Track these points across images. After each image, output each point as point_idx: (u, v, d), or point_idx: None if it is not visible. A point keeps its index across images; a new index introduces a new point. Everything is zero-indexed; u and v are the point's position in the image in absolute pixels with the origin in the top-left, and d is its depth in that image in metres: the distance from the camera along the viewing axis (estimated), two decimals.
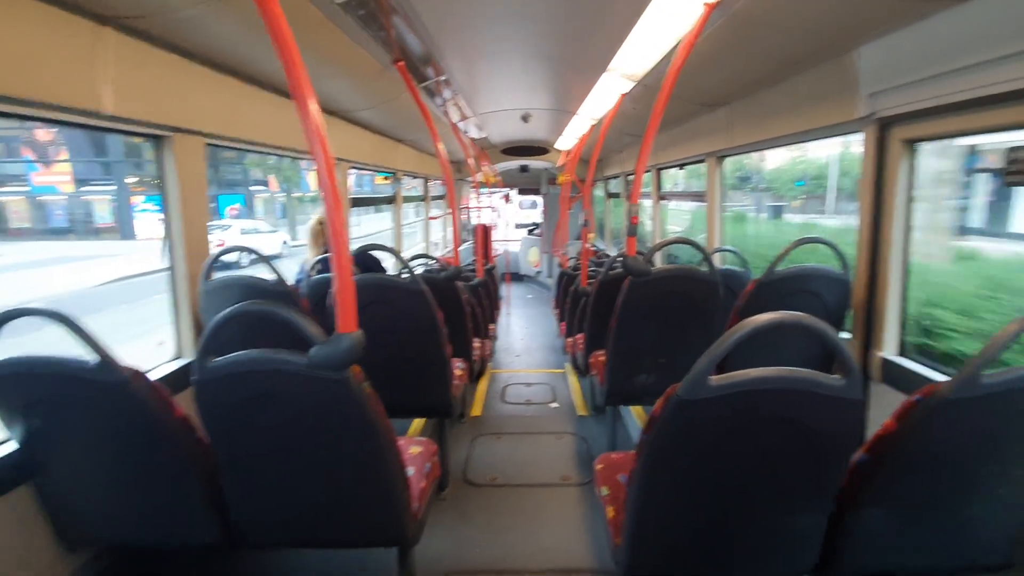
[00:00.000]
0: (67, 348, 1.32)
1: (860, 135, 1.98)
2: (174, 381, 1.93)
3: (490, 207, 8.18)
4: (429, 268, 4.00)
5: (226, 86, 2.20)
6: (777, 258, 2.14)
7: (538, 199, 10.49)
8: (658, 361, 2.38)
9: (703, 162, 3.52)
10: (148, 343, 1.54)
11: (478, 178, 6.47)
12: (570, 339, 4.05)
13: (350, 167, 3.78)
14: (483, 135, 5.68)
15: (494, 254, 8.66)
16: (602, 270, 3.20)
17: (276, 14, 1.05)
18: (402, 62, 2.41)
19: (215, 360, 1.26)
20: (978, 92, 1.45)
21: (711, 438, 1.13)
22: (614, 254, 4.67)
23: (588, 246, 4.13)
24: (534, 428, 3.33)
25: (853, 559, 1.27)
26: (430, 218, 6.47)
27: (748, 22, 1.79)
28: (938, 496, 1.18)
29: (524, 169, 7.91)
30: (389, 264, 3.84)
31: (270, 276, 2.23)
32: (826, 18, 1.71)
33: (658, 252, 4.28)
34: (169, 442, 1.36)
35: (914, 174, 1.84)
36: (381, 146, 4.29)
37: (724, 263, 3.20)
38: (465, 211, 9.17)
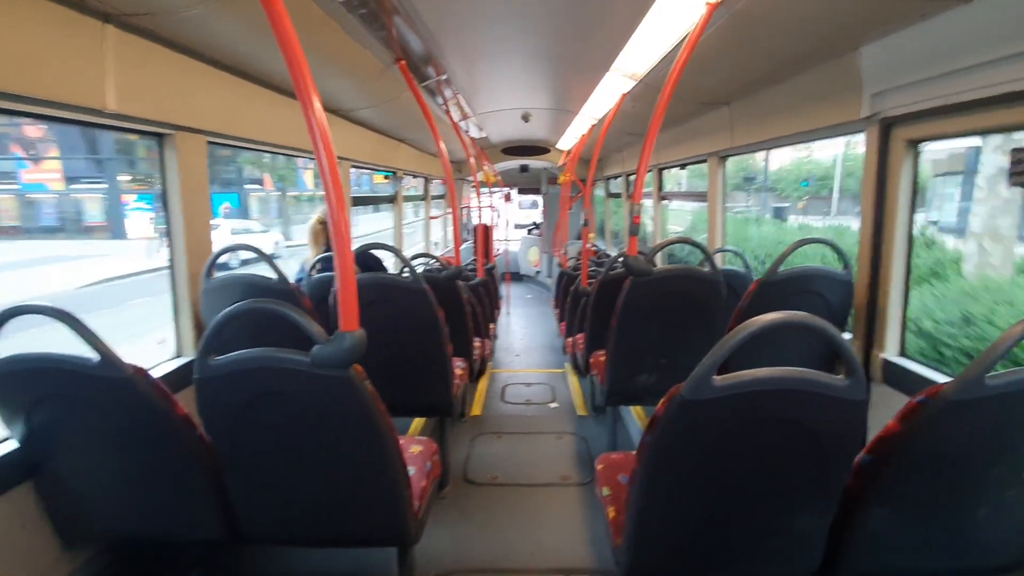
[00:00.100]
0: (63, 347, 1.31)
1: (864, 135, 1.98)
2: (175, 379, 1.92)
3: (490, 207, 8.17)
4: (429, 267, 4.00)
5: (228, 84, 2.20)
6: (779, 258, 2.13)
7: (538, 199, 10.49)
8: (659, 361, 2.38)
9: (705, 162, 3.52)
10: (134, 350, 1.52)
11: (478, 178, 6.47)
12: (570, 339, 4.05)
13: (351, 166, 3.78)
14: (483, 135, 5.67)
15: (495, 253, 8.66)
16: (602, 270, 3.20)
17: (280, 13, 1.05)
18: (403, 61, 2.41)
19: (217, 358, 1.26)
20: (982, 92, 1.45)
21: (714, 438, 1.12)
22: (614, 254, 4.67)
23: (588, 246, 4.13)
24: (534, 428, 3.33)
25: (856, 561, 1.26)
26: (431, 217, 6.46)
27: (750, 21, 1.79)
28: (942, 497, 1.17)
29: (524, 169, 7.90)
30: (390, 264, 3.84)
31: (272, 275, 2.23)
32: (828, 17, 1.70)
33: (659, 252, 4.27)
34: (171, 439, 1.35)
35: (916, 174, 1.84)
36: (382, 145, 4.29)
37: (725, 263, 3.20)
38: (465, 210, 9.17)
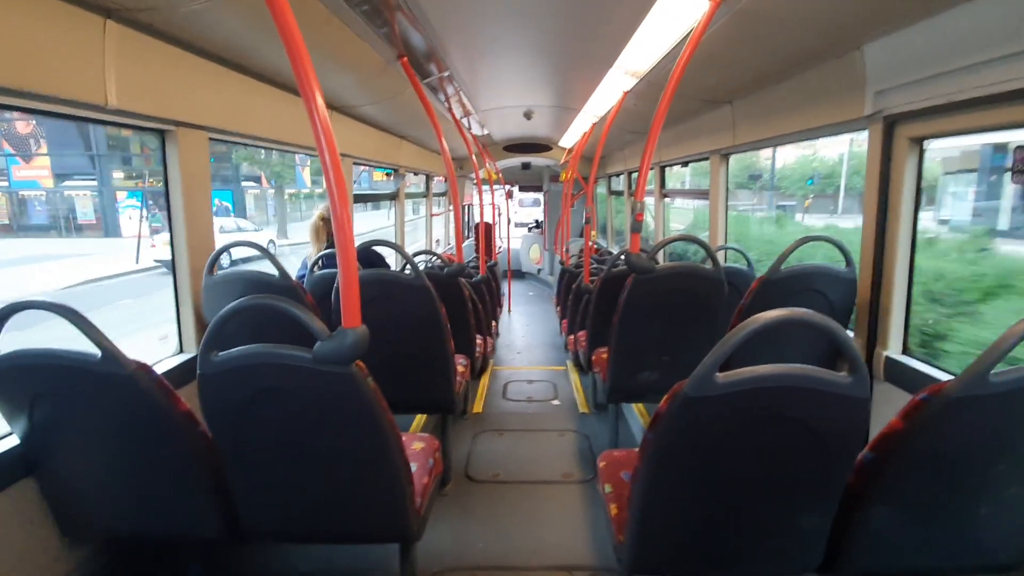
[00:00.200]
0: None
1: (867, 133, 1.97)
2: (178, 376, 1.93)
3: (492, 204, 8.17)
4: (431, 265, 4.00)
5: (230, 80, 2.19)
6: (782, 256, 2.13)
7: (540, 196, 10.48)
8: (662, 359, 2.38)
9: (707, 160, 3.51)
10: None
11: (480, 175, 6.47)
12: (572, 336, 4.05)
13: (354, 163, 3.77)
14: (486, 132, 5.66)
15: (497, 251, 8.66)
16: (604, 267, 3.20)
17: (282, 8, 1.04)
18: (405, 58, 2.40)
19: (219, 354, 1.26)
20: (986, 90, 1.44)
21: (717, 435, 1.12)
22: (616, 252, 4.66)
23: (590, 243, 4.13)
24: (536, 425, 3.34)
25: (858, 558, 1.26)
26: (432, 215, 6.46)
27: (753, 19, 1.78)
28: (945, 495, 1.17)
29: (526, 166, 7.89)
30: (392, 261, 3.84)
31: (274, 271, 2.23)
32: (832, 15, 1.69)
33: (661, 249, 4.27)
34: (173, 435, 1.36)
35: (920, 171, 1.83)
36: (384, 142, 4.28)
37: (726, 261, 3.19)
38: (467, 208, 9.16)
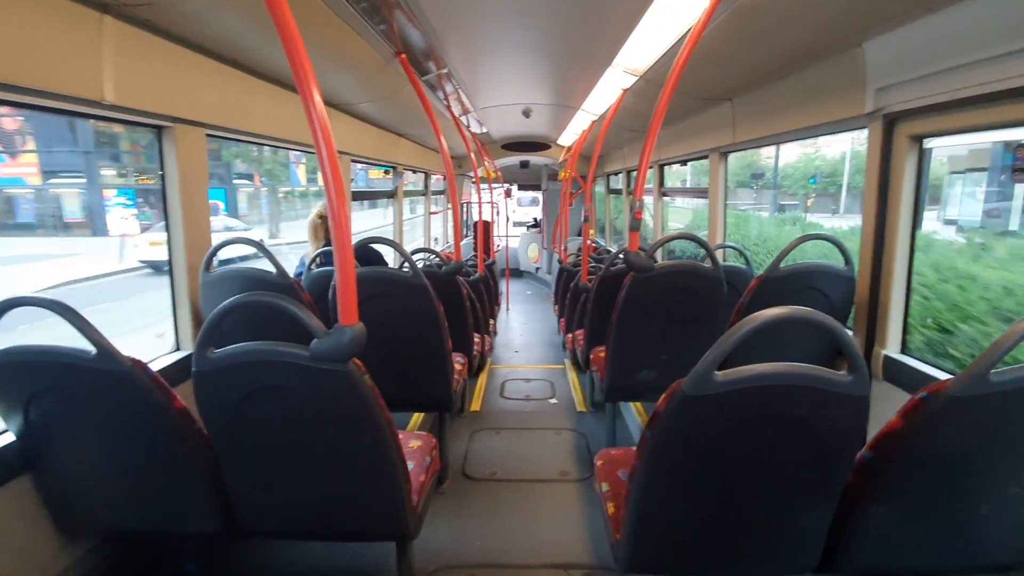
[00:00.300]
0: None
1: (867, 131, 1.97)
2: (174, 373, 1.92)
3: (491, 202, 8.16)
4: (429, 263, 3.99)
5: (228, 77, 2.18)
6: (781, 254, 2.12)
7: (538, 195, 10.48)
8: (660, 357, 2.37)
9: (706, 158, 3.50)
10: None
11: (479, 173, 6.47)
12: (570, 335, 4.04)
13: (352, 161, 3.76)
14: (484, 130, 5.66)
15: (495, 249, 8.65)
16: (603, 266, 3.19)
17: (280, 5, 1.03)
18: (404, 55, 2.39)
19: (215, 351, 1.25)
20: (987, 88, 1.44)
21: (715, 434, 1.12)
22: (615, 250, 4.67)
23: (589, 242, 4.13)
24: (533, 424, 3.33)
25: (857, 557, 1.26)
26: (431, 213, 6.45)
27: (753, 16, 1.78)
28: (943, 495, 1.17)
29: (525, 165, 7.88)
30: (391, 259, 3.83)
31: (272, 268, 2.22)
32: (832, 12, 1.69)
33: (660, 248, 4.27)
34: (169, 432, 1.35)
35: (921, 170, 1.83)
36: (382, 140, 4.27)
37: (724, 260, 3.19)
38: (465, 206, 9.15)
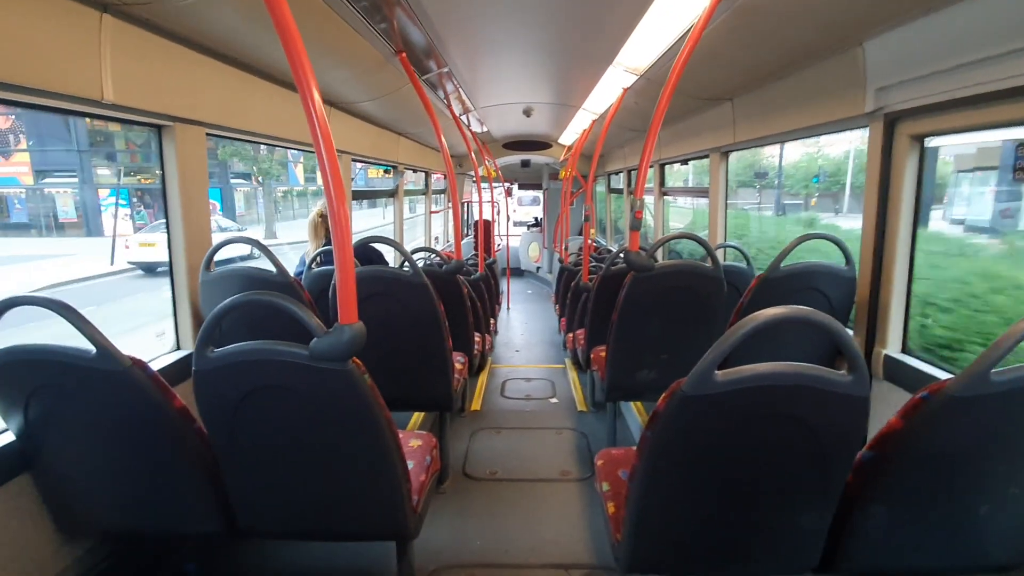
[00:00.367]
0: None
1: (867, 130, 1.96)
2: (174, 372, 1.92)
3: (491, 202, 8.16)
4: (430, 262, 3.99)
5: (227, 76, 2.18)
6: (781, 254, 2.12)
7: (539, 194, 10.48)
8: (660, 357, 2.37)
9: (707, 157, 3.50)
10: None
11: (480, 172, 6.47)
12: (570, 334, 4.04)
13: (352, 160, 3.76)
14: (485, 129, 5.65)
15: (496, 248, 8.65)
16: (603, 265, 3.19)
17: (279, 2, 1.03)
18: (404, 54, 2.39)
19: (215, 351, 1.25)
20: (988, 87, 1.43)
21: (715, 434, 1.12)
22: (615, 250, 4.67)
23: (589, 241, 4.12)
24: (534, 423, 3.33)
25: (856, 557, 1.26)
26: (432, 212, 6.45)
27: (754, 14, 1.77)
28: (943, 495, 1.17)
29: (526, 164, 7.88)
30: (391, 258, 3.83)
31: (272, 268, 2.22)
32: (833, 11, 1.68)
33: (660, 248, 4.26)
34: (168, 432, 1.35)
35: (921, 169, 1.82)
36: (383, 139, 4.27)
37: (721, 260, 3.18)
38: (466, 205, 9.15)
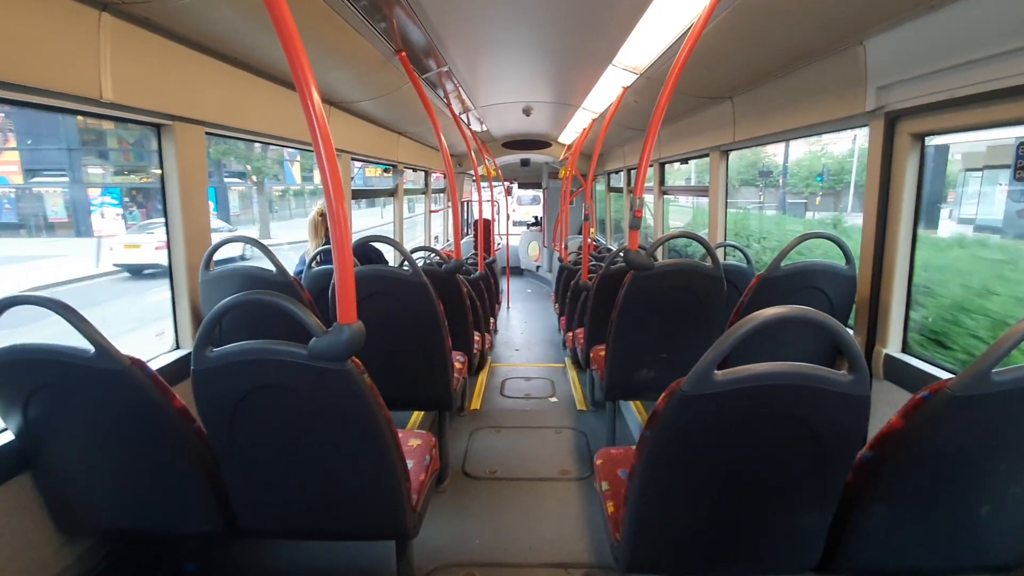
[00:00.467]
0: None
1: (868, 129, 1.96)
2: (173, 371, 1.92)
3: (491, 201, 8.16)
4: (429, 261, 3.99)
5: (227, 75, 2.18)
6: (781, 253, 2.12)
7: (539, 194, 10.48)
8: (660, 356, 2.37)
9: (707, 156, 3.50)
10: None
11: (479, 171, 6.47)
12: (570, 333, 4.04)
13: (352, 159, 3.76)
14: (484, 128, 5.65)
15: (495, 247, 8.65)
16: (603, 264, 3.19)
17: (279, 2, 1.03)
18: (404, 53, 2.39)
19: (214, 350, 1.25)
20: (989, 86, 1.43)
21: (715, 433, 1.12)
22: (615, 249, 4.67)
23: (589, 240, 4.12)
24: (533, 422, 3.33)
25: (856, 557, 1.26)
26: (432, 211, 6.45)
27: (754, 13, 1.77)
28: (944, 495, 1.17)
29: (525, 163, 7.88)
30: (391, 257, 3.82)
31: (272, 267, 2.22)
32: (833, 9, 1.68)
33: (660, 247, 4.26)
34: (167, 431, 1.35)
35: (922, 168, 1.82)
36: (382, 138, 4.26)
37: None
38: (466, 205, 9.14)
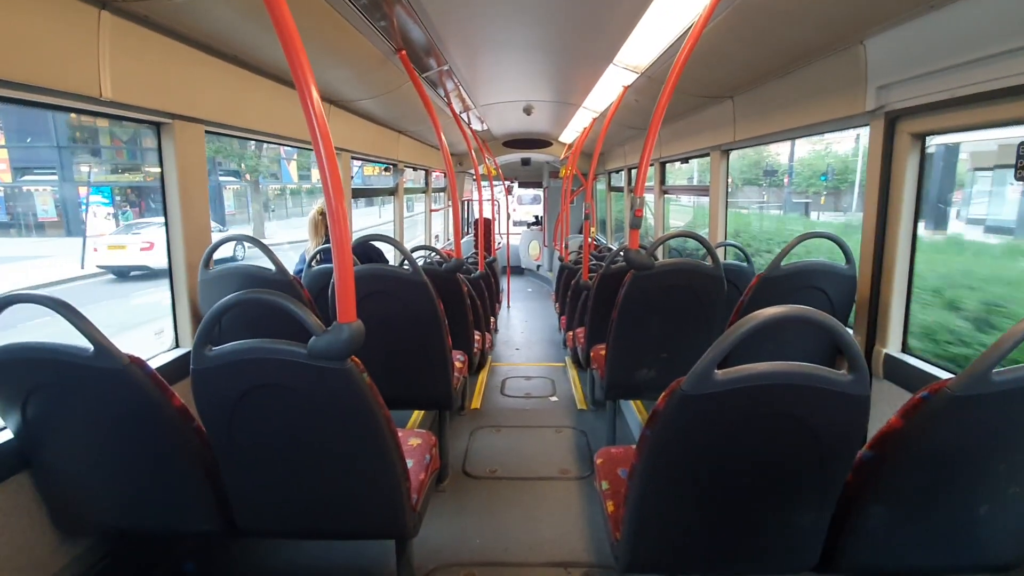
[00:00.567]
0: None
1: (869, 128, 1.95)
2: (173, 370, 1.92)
3: (491, 200, 8.15)
4: (429, 261, 3.99)
5: (227, 73, 2.18)
6: (781, 253, 2.11)
7: (539, 192, 10.48)
8: (660, 355, 2.37)
9: (707, 156, 3.49)
10: None
11: (480, 170, 6.46)
12: (570, 333, 4.04)
13: (352, 157, 3.75)
14: (485, 127, 5.64)
15: (496, 247, 8.65)
16: (603, 264, 3.19)
17: (279, 1, 1.03)
18: (404, 51, 2.38)
19: (213, 349, 1.25)
20: (989, 85, 1.43)
21: (714, 433, 1.12)
22: (615, 248, 4.66)
23: (590, 240, 4.12)
24: (533, 421, 3.33)
25: (856, 557, 1.26)
26: (432, 210, 6.44)
27: (754, 13, 1.77)
28: (943, 495, 1.17)
29: (526, 162, 7.87)
30: (391, 257, 3.82)
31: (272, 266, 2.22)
32: (834, 9, 1.68)
33: (660, 246, 4.26)
34: (166, 430, 1.35)
35: (923, 168, 1.82)
36: (382, 137, 4.26)
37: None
38: (466, 204, 9.15)
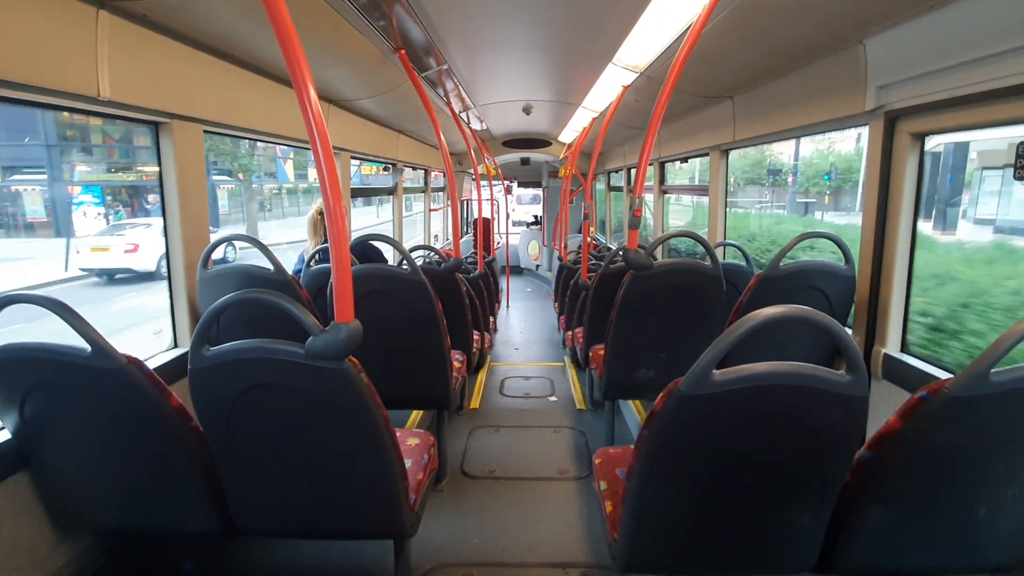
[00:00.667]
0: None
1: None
2: (171, 370, 1.92)
3: (491, 199, 8.16)
4: (428, 260, 3.98)
5: (225, 73, 2.17)
6: (781, 253, 2.11)
7: (539, 192, 10.48)
8: (658, 356, 2.37)
9: (707, 155, 3.49)
10: None
11: (479, 170, 6.46)
12: (569, 332, 4.04)
13: (351, 157, 3.75)
14: (484, 127, 5.64)
15: (495, 246, 8.65)
16: (602, 264, 3.19)
17: (277, 0, 1.02)
18: (403, 51, 2.38)
19: (211, 349, 1.25)
20: (989, 85, 1.43)
21: (713, 434, 1.11)
22: (615, 248, 4.66)
23: (589, 239, 4.12)
24: (532, 421, 3.33)
25: (854, 558, 1.26)
26: (431, 210, 6.44)
27: (754, 12, 1.76)
28: (942, 495, 1.17)
29: (525, 162, 7.87)
30: (390, 256, 3.82)
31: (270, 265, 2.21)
32: (833, 8, 1.68)
33: (659, 246, 4.26)
34: (164, 430, 1.35)
35: (922, 167, 1.82)
36: (382, 136, 4.25)
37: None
38: (465, 203, 9.14)
